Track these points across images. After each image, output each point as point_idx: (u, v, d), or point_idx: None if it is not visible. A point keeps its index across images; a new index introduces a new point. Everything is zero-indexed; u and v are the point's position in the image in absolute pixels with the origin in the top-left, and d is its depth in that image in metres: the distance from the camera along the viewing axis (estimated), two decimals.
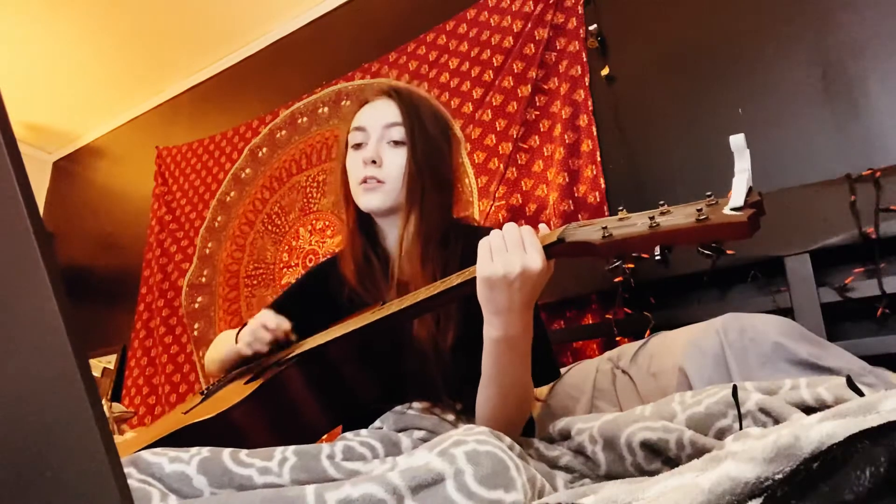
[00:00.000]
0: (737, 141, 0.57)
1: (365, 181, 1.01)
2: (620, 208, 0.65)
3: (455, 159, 1.09)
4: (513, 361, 0.77)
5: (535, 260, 0.68)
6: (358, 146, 1.04)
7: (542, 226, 0.74)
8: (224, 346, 1.12)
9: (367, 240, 1.07)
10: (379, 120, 1.03)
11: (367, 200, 1.02)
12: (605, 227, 0.62)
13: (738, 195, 0.55)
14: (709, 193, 0.58)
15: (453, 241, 1.00)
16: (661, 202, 0.61)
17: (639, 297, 1.58)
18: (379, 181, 1.00)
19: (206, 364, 1.21)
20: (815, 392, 0.68)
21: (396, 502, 0.49)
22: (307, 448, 0.67)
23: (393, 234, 1.06)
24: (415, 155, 1.00)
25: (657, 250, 0.62)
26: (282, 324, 0.99)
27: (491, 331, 0.74)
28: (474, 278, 0.71)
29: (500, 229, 0.72)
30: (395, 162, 1.01)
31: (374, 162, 1.00)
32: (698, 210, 0.56)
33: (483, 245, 0.71)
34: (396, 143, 1.02)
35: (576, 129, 1.85)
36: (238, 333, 1.05)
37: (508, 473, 0.51)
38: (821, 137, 1.52)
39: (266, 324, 0.99)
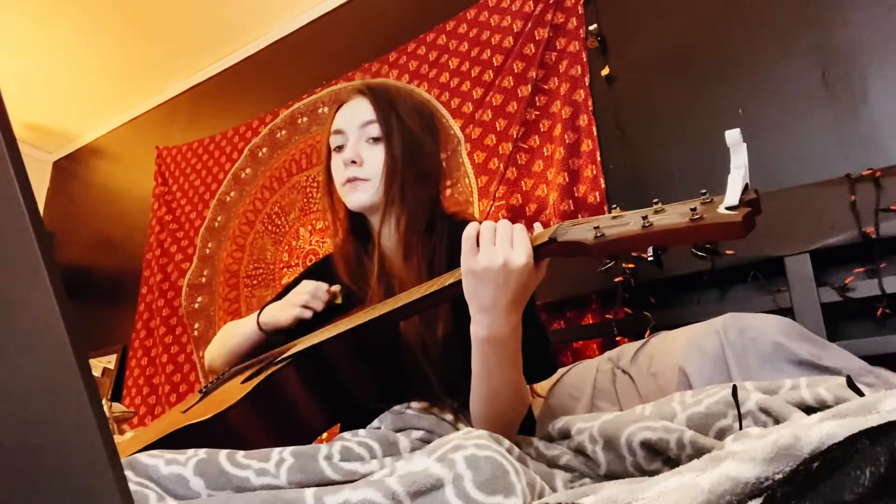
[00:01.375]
0: (733, 136, 0.55)
1: (348, 181, 1.02)
2: (614, 206, 0.64)
3: (441, 152, 1.09)
4: (501, 362, 0.76)
5: (518, 256, 0.67)
6: (339, 149, 1.05)
7: (536, 225, 0.74)
8: (237, 331, 1.13)
9: (360, 239, 1.08)
10: (355, 120, 1.03)
11: (353, 199, 1.03)
12: (597, 227, 0.61)
13: (732, 193, 0.53)
14: (703, 191, 0.56)
15: (438, 233, 1.00)
16: (655, 200, 0.60)
17: (639, 297, 1.58)
18: (362, 180, 1.01)
19: (208, 359, 1.21)
20: (815, 392, 0.68)
21: None
22: (304, 449, 0.67)
23: (384, 229, 1.07)
24: (391, 149, 1.00)
25: (650, 250, 0.60)
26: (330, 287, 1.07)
27: (477, 330, 0.73)
28: None
29: (503, 220, 0.71)
30: (376, 159, 1.01)
31: (354, 162, 1.01)
32: (692, 209, 0.54)
33: (468, 238, 0.70)
34: (374, 139, 1.02)
35: (576, 129, 1.85)
36: (260, 315, 1.09)
37: (508, 478, 0.51)
38: (821, 137, 1.52)
39: (320, 285, 1.06)
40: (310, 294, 1.05)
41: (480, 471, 0.50)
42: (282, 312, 1.06)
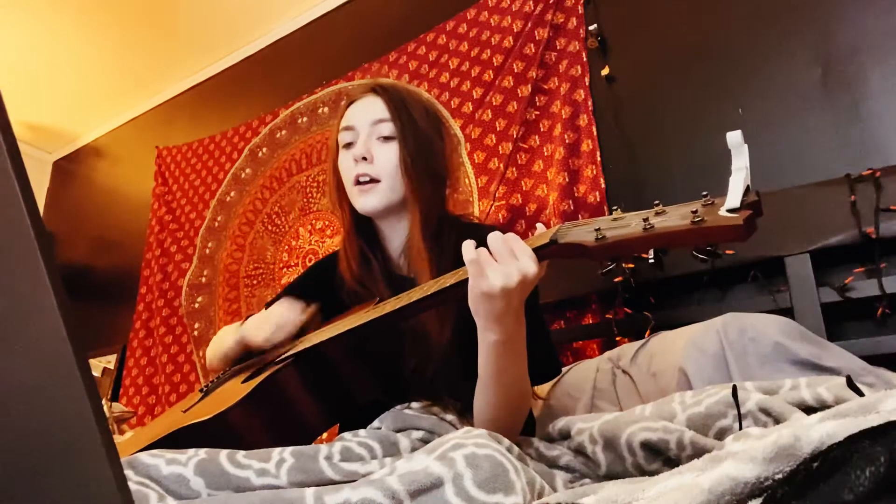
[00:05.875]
0: (734, 138, 0.54)
1: (358, 180, 1.00)
2: (615, 208, 0.64)
3: (447, 153, 1.08)
4: (512, 361, 0.76)
5: (529, 266, 0.67)
6: (348, 145, 1.04)
7: (539, 225, 0.74)
8: (228, 338, 1.12)
9: (365, 240, 1.07)
10: (367, 117, 1.02)
11: (363, 202, 1.01)
12: (598, 229, 0.60)
13: (734, 195, 0.52)
14: (704, 193, 0.55)
15: (446, 235, 0.99)
16: (657, 202, 0.59)
17: (639, 297, 1.58)
18: (373, 178, 0.99)
19: (207, 360, 1.21)
20: (815, 392, 0.68)
21: None
22: (305, 449, 0.67)
23: (390, 232, 1.06)
24: (406, 149, 0.99)
25: (651, 252, 0.60)
26: (299, 315, 0.99)
27: (489, 335, 0.73)
28: (468, 279, 0.70)
29: (494, 233, 0.70)
30: (387, 157, 1.00)
31: (364, 158, 1.00)
32: (693, 211, 0.53)
33: (473, 262, 0.69)
34: (386, 138, 1.01)
35: (576, 129, 1.85)
36: (242, 324, 1.04)
37: (507, 476, 0.51)
38: (821, 137, 1.52)
39: (288, 320, 0.98)
40: (276, 326, 0.97)
41: (480, 469, 0.50)
42: (256, 330, 1.00)
